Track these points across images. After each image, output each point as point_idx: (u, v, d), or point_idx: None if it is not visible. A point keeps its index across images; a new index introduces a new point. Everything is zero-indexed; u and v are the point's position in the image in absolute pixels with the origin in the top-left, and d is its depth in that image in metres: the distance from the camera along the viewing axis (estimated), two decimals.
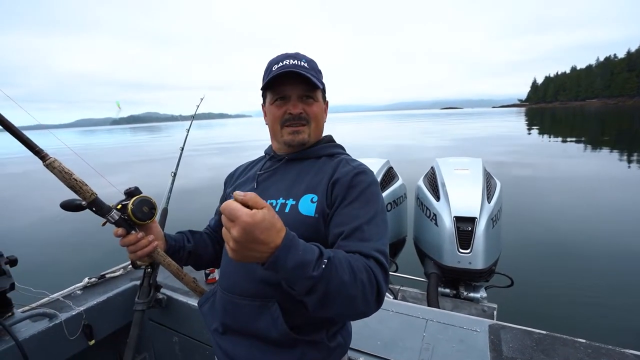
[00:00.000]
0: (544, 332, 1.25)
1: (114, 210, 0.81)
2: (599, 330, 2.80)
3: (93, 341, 1.49)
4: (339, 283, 0.60)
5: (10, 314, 1.30)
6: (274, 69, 0.85)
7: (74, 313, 1.44)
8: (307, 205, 0.80)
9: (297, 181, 0.86)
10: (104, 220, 0.81)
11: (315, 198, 0.80)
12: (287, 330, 0.75)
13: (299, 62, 0.85)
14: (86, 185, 0.78)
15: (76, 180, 0.76)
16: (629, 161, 10.72)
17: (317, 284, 0.58)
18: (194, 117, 2.28)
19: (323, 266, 0.59)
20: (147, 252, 0.83)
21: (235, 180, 1.03)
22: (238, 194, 0.54)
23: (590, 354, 1.12)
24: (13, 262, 1.30)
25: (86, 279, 1.72)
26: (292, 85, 0.85)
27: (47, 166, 0.73)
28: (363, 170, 0.83)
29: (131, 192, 0.86)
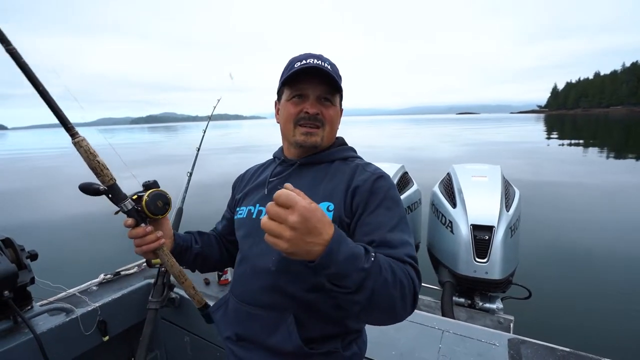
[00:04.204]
0: (568, 349, 1.19)
1: (129, 200, 0.79)
2: (627, 350, 2.67)
3: (107, 337, 1.51)
4: (384, 281, 0.58)
5: (29, 307, 1.34)
6: (296, 66, 0.82)
7: (89, 309, 1.46)
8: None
9: (311, 189, 0.83)
10: (117, 208, 0.79)
11: (332, 206, 0.78)
12: (301, 344, 0.74)
13: (322, 63, 0.82)
14: (107, 169, 0.77)
15: (99, 162, 0.75)
16: None
17: (366, 280, 0.56)
18: (210, 118, 2.29)
19: (372, 259, 0.58)
20: (153, 247, 0.79)
21: (245, 186, 0.99)
22: (289, 185, 0.55)
23: None
24: (34, 256, 1.33)
25: (102, 276, 1.75)
26: (313, 85, 0.83)
27: (75, 144, 0.73)
28: (381, 175, 0.81)
29: (149, 185, 0.84)
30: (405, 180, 2.80)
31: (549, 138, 24.46)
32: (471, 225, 2.18)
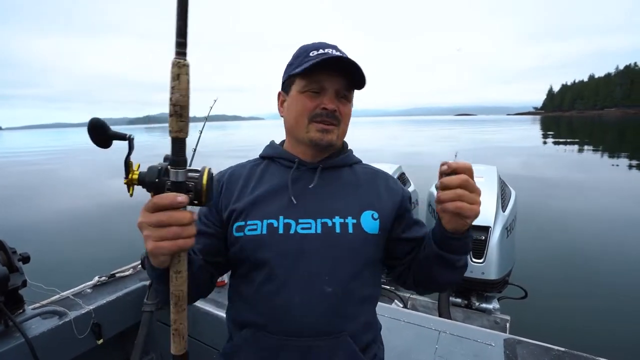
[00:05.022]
0: (563, 349, 1.19)
1: (185, 170, 0.53)
2: (621, 349, 2.68)
3: (101, 340, 1.49)
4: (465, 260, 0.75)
5: (21, 310, 1.32)
6: (312, 54, 0.73)
7: (83, 312, 1.45)
8: (370, 222, 0.75)
9: (347, 196, 0.77)
10: (173, 170, 0.51)
11: (376, 215, 0.76)
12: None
13: (342, 54, 0.73)
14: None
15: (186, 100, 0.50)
16: None
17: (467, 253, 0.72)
18: (207, 119, 2.29)
19: None
20: (190, 244, 0.54)
21: (242, 194, 0.77)
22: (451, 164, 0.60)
23: None
24: (26, 259, 1.32)
25: (96, 278, 1.73)
26: (332, 78, 0.73)
27: (175, 64, 0.48)
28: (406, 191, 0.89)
29: (177, 162, 0.52)
30: (402, 181, 2.81)
31: (545, 139, 24.63)
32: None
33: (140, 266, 1.92)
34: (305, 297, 0.69)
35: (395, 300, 2.39)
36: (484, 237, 2.14)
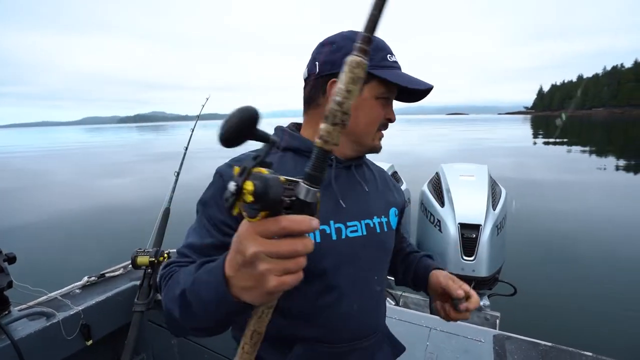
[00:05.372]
0: (550, 344, 1.22)
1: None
2: (605, 344, 2.74)
3: (90, 341, 1.47)
4: None
5: (6, 312, 1.29)
6: (389, 59, 0.70)
7: (72, 312, 1.42)
8: (394, 219, 0.82)
9: (376, 194, 0.80)
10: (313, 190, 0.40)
11: (397, 211, 0.84)
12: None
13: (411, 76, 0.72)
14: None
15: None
16: (636, 171, 10.60)
17: None
18: (198, 117, 2.27)
19: None
20: (302, 276, 0.42)
21: None
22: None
23: None
24: (12, 259, 1.29)
25: (85, 278, 1.71)
26: (395, 90, 0.73)
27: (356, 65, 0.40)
28: None
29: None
30: (395, 180, 2.82)
31: (535, 139, 25.00)
32: (459, 224, 2.21)
33: (130, 266, 1.90)
34: (363, 302, 0.71)
35: (388, 298, 2.41)
36: (474, 235, 2.17)
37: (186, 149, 2.09)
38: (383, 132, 0.75)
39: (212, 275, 0.46)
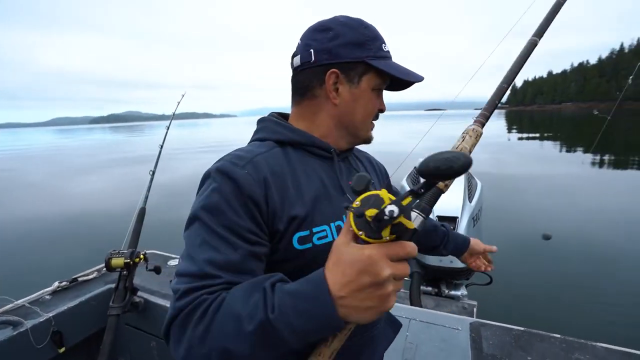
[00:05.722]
0: (522, 328, 1.27)
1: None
2: (573, 326, 2.90)
3: (63, 348, 1.42)
4: None
5: None
6: (384, 49, 0.69)
7: (41, 320, 1.36)
8: None
9: (376, 186, 0.83)
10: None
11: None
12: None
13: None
14: None
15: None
16: (601, 162, 11.20)
17: None
18: (174, 115, 2.23)
19: None
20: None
21: (296, 189, 0.63)
22: None
23: (565, 348, 1.15)
24: None
25: (56, 283, 1.64)
26: (387, 80, 0.71)
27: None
28: None
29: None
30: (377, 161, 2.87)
31: (509, 133, 25.92)
32: (436, 216, 2.27)
33: (105, 269, 1.83)
34: None
35: None
36: (452, 227, 2.24)
37: (161, 147, 2.03)
38: (374, 122, 0.74)
39: (310, 301, 0.44)
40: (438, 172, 0.40)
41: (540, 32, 0.80)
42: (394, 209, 0.39)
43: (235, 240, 0.54)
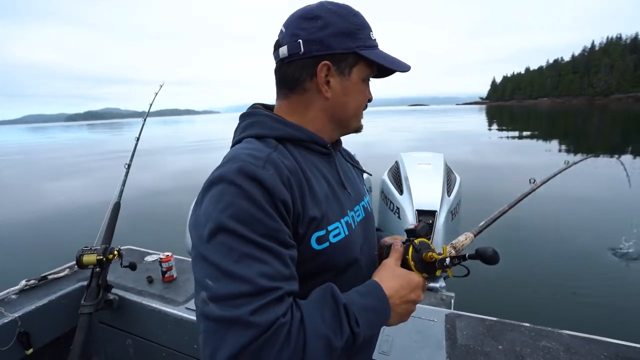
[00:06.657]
0: (495, 318, 1.32)
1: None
2: (542, 315, 3.04)
3: (31, 350, 1.36)
4: None
5: None
6: (373, 38, 0.67)
7: (6, 320, 1.30)
8: (367, 193, 0.84)
9: (356, 175, 0.83)
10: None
11: (367, 186, 0.86)
12: None
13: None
14: None
15: None
16: (575, 154, 11.69)
17: None
18: (151, 105, 2.15)
19: None
20: None
21: (311, 189, 0.62)
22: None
23: (533, 336, 1.20)
24: None
25: (23, 282, 1.57)
26: (375, 69, 0.71)
27: None
28: None
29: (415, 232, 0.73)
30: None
31: (490, 127, 26.60)
32: (416, 210, 2.31)
33: (76, 266, 1.77)
34: (370, 272, 0.71)
35: None
36: (430, 221, 2.28)
37: (137, 139, 1.96)
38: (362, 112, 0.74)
39: (380, 314, 0.59)
40: (478, 255, 0.68)
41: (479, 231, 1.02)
42: (449, 263, 0.66)
43: (279, 249, 0.51)
